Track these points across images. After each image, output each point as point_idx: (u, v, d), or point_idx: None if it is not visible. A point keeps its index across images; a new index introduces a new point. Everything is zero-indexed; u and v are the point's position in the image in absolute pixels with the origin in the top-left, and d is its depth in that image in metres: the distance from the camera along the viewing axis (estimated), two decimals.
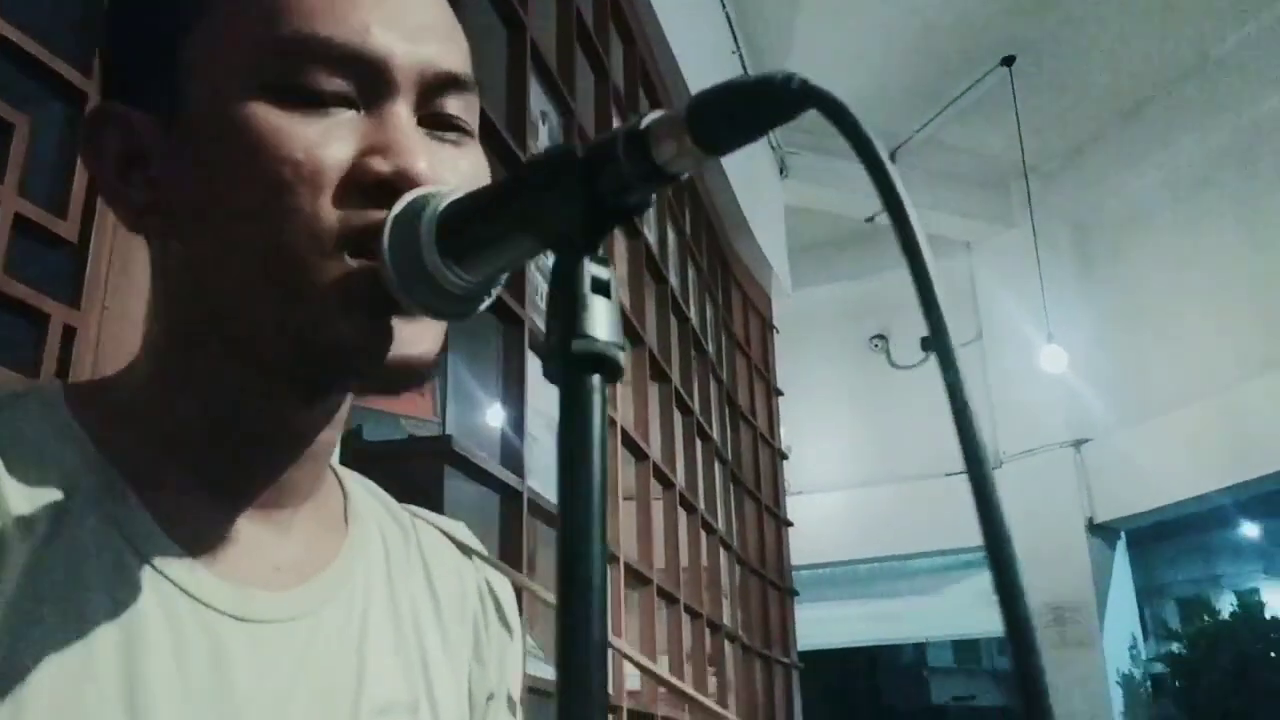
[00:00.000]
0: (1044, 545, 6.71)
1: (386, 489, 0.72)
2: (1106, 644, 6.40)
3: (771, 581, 5.24)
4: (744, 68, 5.16)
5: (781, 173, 6.30)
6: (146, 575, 0.53)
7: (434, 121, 0.57)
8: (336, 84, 0.54)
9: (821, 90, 0.38)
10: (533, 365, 2.27)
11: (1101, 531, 6.69)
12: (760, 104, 0.39)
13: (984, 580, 6.19)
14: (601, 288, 0.44)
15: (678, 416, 3.87)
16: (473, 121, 0.60)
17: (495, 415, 2.34)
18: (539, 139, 2.67)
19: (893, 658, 16.52)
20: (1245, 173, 5.98)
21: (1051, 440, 6.82)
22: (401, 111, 0.55)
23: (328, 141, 0.53)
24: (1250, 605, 6.98)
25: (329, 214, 0.52)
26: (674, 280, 3.98)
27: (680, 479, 3.76)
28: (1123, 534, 6.83)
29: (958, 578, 7.37)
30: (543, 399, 2.26)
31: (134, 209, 0.58)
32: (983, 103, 6.39)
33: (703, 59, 4.36)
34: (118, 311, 1.32)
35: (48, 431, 0.56)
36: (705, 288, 4.67)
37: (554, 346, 0.43)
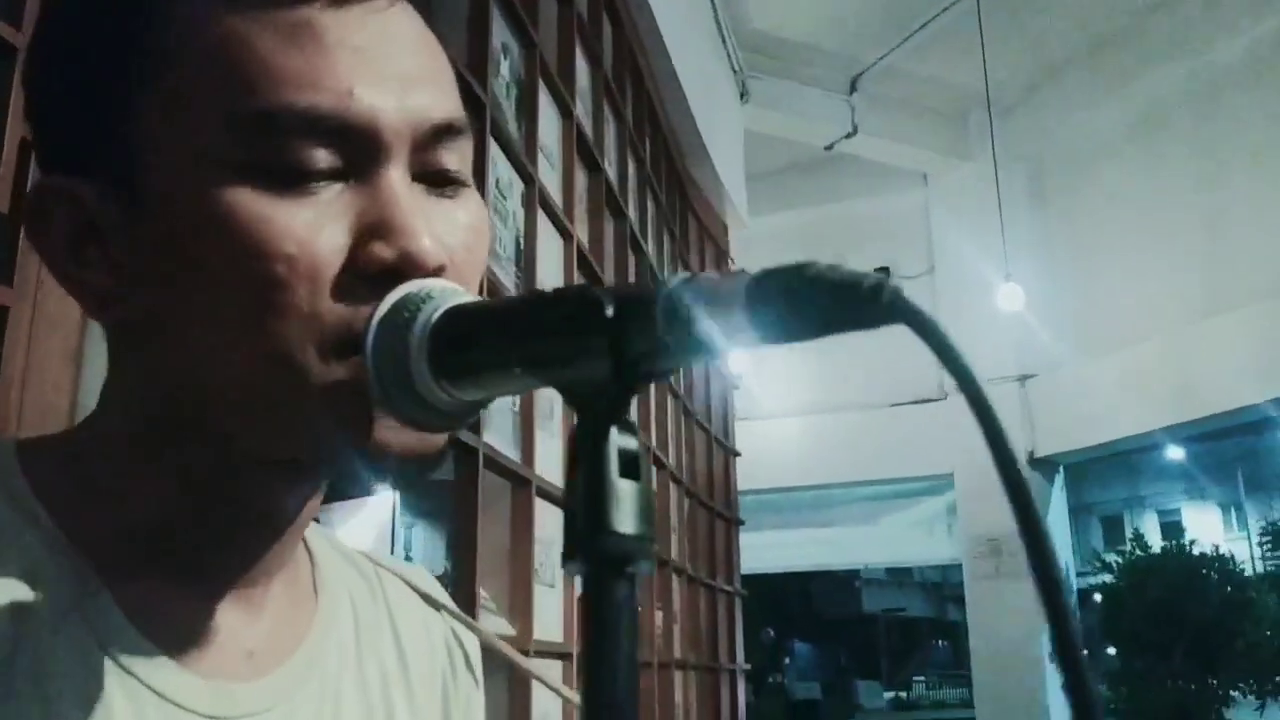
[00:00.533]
0: (985, 478, 6.81)
1: None
2: None
3: (719, 512, 5.28)
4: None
5: (742, 98, 6.18)
6: (116, 677, 0.50)
7: (430, 178, 0.51)
8: (322, 157, 0.47)
9: (914, 307, 0.32)
10: None
11: (1041, 465, 6.83)
12: (838, 306, 0.33)
13: (920, 511, 6.31)
14: (631, 467, 0.38)
15: None
16: (467, 166, 0.54)
17: None
18: (499, 75, 2.55)
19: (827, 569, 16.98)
20: (1203, 115, 5.99)
21: (998, 374, 6.90)
22: (395, 177, 0.49)
23: (320, 227, 0.47)
24: (1174, 532, 7.22)
25: (330, 312, 0.47)
26: (633, 215, 3.90)
27: (634, 414, 3.73)
28: (1061, 468, 6.98)
29: (896, 507, 7.51)
30: None
31: (94, 295, 0.51)
32: (947, 33, 6.28)
33: None
34: (54, 288, 1.23)
35: (6, 512, 0.50)
36: (664, 221, 4.59)
37: (578, 539, 0.37)
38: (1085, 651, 0.33)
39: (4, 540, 0.49)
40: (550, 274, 2.72)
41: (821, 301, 0.34)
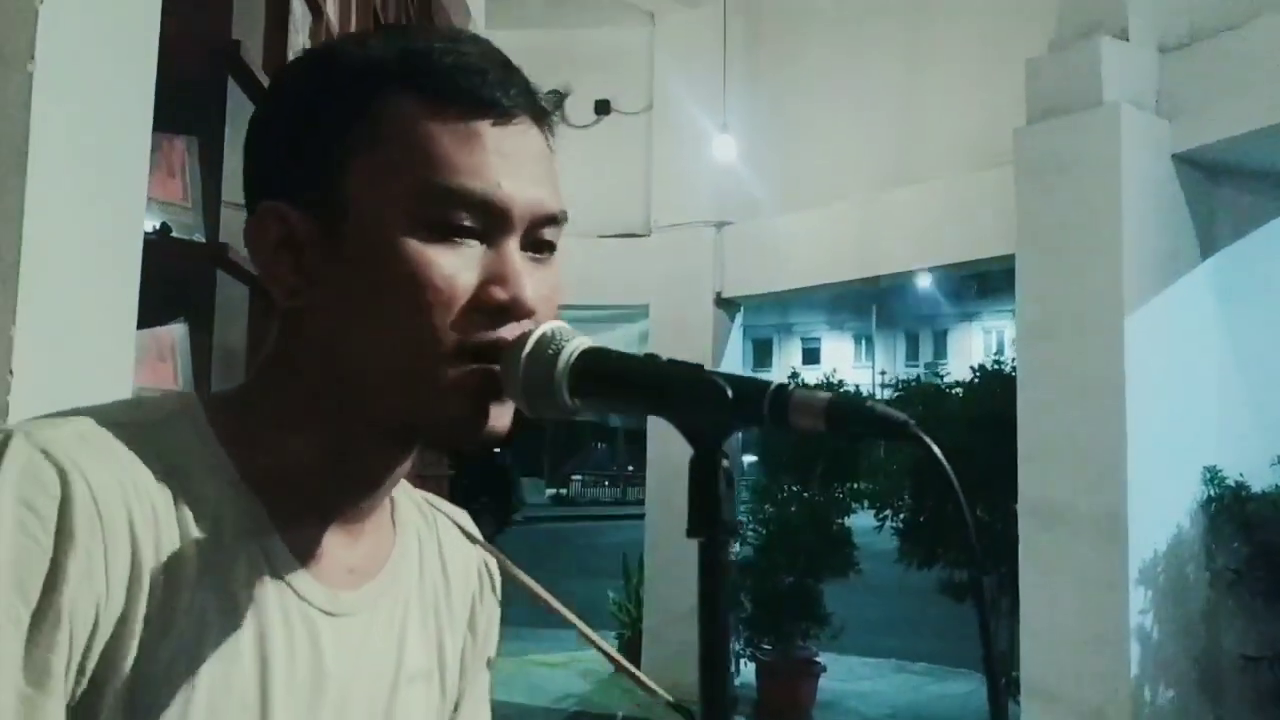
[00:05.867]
0: (677, 311, 7.48)
1: None
2: None
3: None
4: None
5: None
6: (273, 581, 0.71)
7: (533, 246, 0.74)
8: (471, 222, 0.70)
9: (923, 437, 0.61)
10: None
11: (726, 304, 7.51)
12: (880, 428, 0.62)
13: (615, 336, 6.78)
14: (728, 479, 0.67)
15: None
16: (558, 241, 0.77)
17: None
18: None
19: None
20: (908, 5, 6.53)
21: (698, 218, 7.45)
22: (513, 246, 0.72)
23: (460, 272, 0.69)
24: (813, 358, 8.20)
25: (455, 332, 0.69)
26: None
27: None
28: (741, 308, 7.72)
29: (594, 330, 8.01)
30: None
31: (284, 287, 0.72)
32: None
33: None
34: None
35: (200, 458, 0.71)
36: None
37: (701, 521, 0.66)
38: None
39: (201, 479, 0.70)
40: None
41: (873, 424, 0.62)
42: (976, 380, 5.77)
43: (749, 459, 9.25)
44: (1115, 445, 4.10)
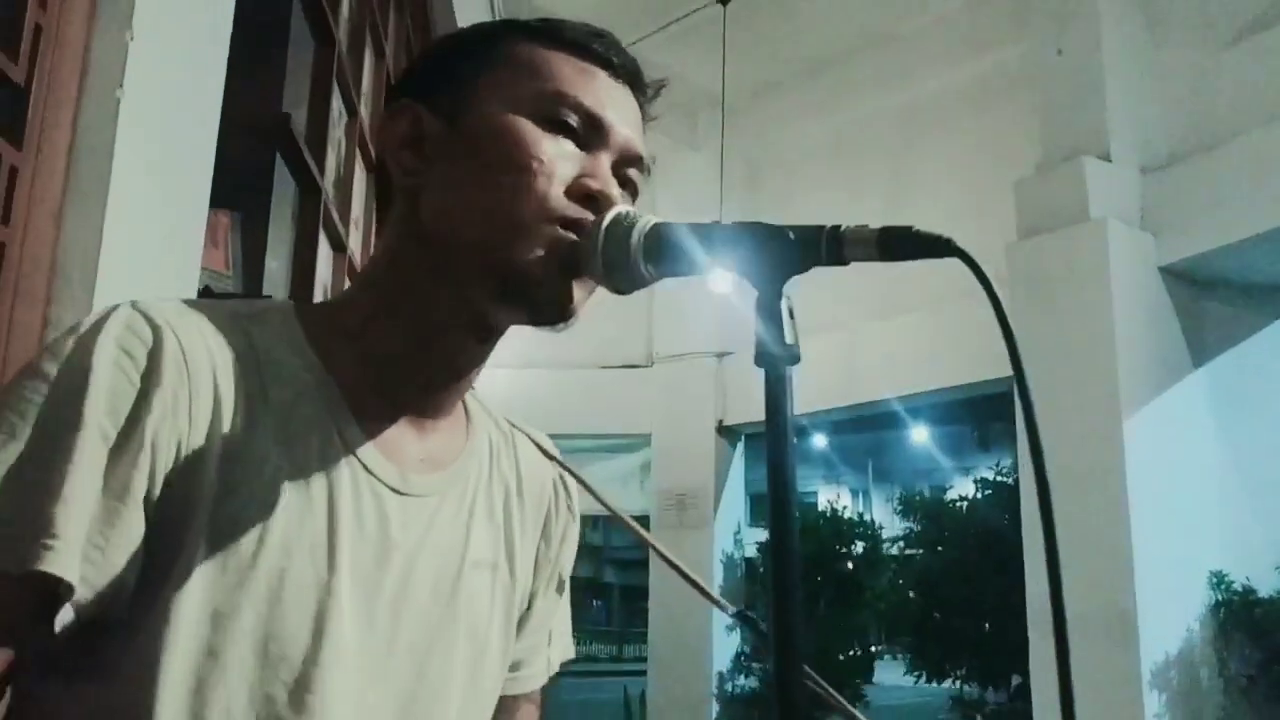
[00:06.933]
0: (679, 439, 7.56)
1: None
2: (717, 528, 7.38)
3: None
4: None
5: None
6: (344, 455, 0.78)
7: (620, 179, 0.84)
8: (575, 122, 0.81)
9: (965, 251, 0.71)
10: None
11: (727, 432, 7.59)
12: (927, 247, 0.71)
13: (618, 465, 6.83)
14: (789, 312, 0.75)
15: None
16: (641, 188, 0.88)
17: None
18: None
19: None
20: (895, 144, 6.87)
21: (701, 350, 7.60)
22: (606, 160, 0.82)
23: (561, 158, 0.79)
24: (819, 508, 8.21)
25: (554, 198, 0.78)
26: None
27: None
28: (743, 436, 7.80)
29: (597, 459, 8.06)
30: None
31: (405, 169, 0.82)
32: (691, 33, 6.84)
33: None
34: (49, 153, 1.40)
35: (286, 345, 0.79)
36: None
37: (768, 347, 0.74)
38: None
39: (285, 361, 0.77)
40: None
41: (917, 244, 0.71)
42: (979, 495, 5.81)
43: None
44: (1121, 548, 4.12)
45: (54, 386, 0.67)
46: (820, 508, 8.20)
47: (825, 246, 0.73)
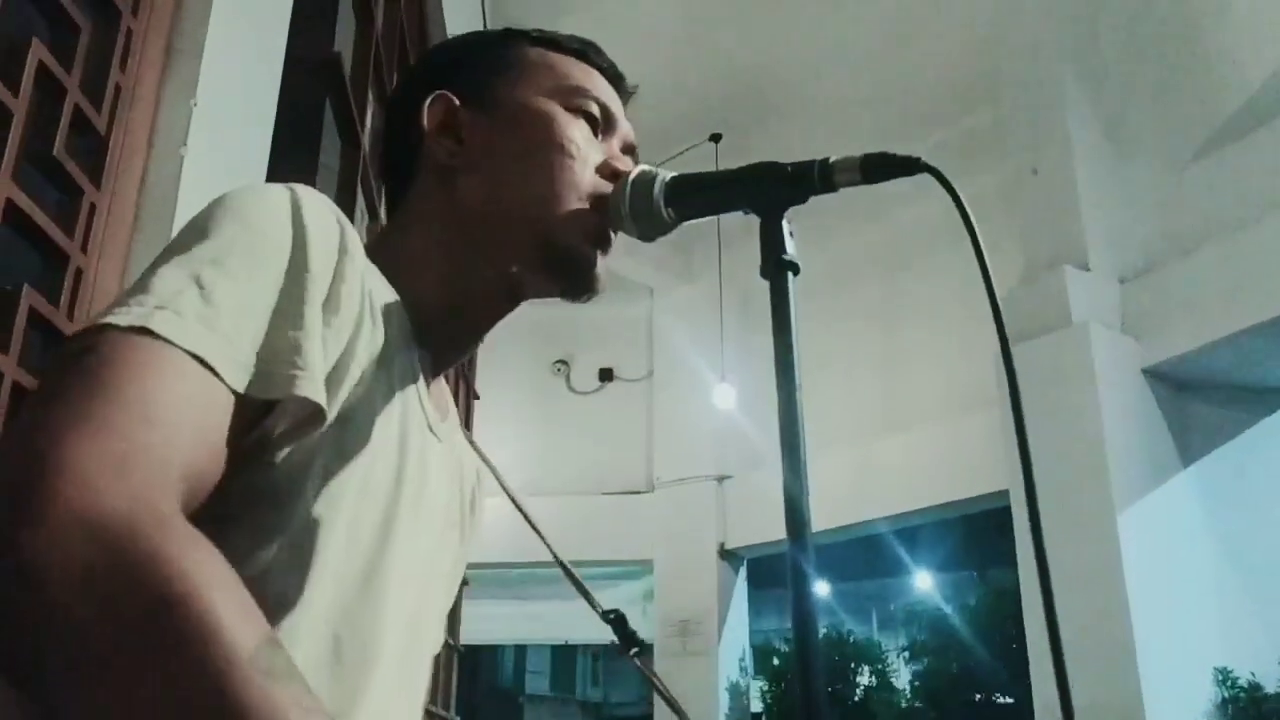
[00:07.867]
0: (681, 564, 7.56)
1: None
2: (721, 654, 7.30)
3: None
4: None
5: None
6: (415, 387, 0.85)
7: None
8: (595, 111, 0.95)
9: (934, 167, 0.85)
10: None
11: (729, 556, 7.60)
12: (901, 166, 0.86)
13: (621, 592, 6.82)
14: (790, 233, 0.90)
15: None
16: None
17: None
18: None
19: (491, 679, 17.04)
20: (886, 271, 7.14)
21: (699, 473, 7.68)
22: (616, 145, 0.95)
23: (589, 144, 0.92)
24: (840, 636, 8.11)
25: (586, 178, 0.90)
26: None
27: None
28: (745, 560, 7.79)
29: (600, 587, 8.01)
30: None
31: (443, 150, 0.91)
32: (687, 169, 7.15)
33: None
34: (122, 195, 1.56)
35: (375, 272, 0.84)
36: None
37: (770, 258, 0.88)
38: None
39: (379, 290, 0.81)
40: None
41: (895, 166, 0.86)
42: (977, 602, 5.80)
43: None
44: (1125, 644, 4.14)
45: (270, 226, 0.73)
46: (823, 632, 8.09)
47: (818, 176, 0.82)
